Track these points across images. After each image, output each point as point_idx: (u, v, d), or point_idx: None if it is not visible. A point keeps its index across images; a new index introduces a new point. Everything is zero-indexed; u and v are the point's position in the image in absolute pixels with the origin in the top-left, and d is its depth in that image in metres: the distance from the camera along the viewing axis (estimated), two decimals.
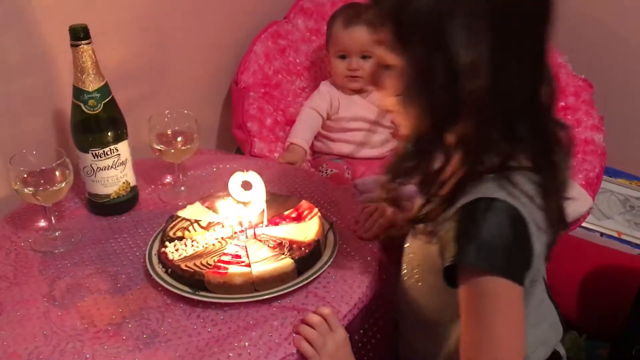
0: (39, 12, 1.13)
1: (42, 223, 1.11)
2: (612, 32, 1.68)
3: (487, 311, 0.75)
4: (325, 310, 0.89)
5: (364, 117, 1.58)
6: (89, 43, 1.03)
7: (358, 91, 1.58)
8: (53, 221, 1.08)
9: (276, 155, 1.43)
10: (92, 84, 1.05)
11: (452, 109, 0.75)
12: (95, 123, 1.08)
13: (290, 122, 1.57)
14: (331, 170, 1.49)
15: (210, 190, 1.17)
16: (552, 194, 0.80)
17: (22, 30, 1.13)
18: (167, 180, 1.26)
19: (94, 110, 1.07)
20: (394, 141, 1.64)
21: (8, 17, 1.11)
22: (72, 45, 1.03)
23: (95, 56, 1.05)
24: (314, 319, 0.87)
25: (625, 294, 1.26)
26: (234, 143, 1.54)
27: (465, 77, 0.73)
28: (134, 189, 1.17)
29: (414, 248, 0.94)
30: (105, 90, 1.07)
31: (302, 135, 1.51)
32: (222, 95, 1.65)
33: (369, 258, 1.01)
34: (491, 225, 0.74)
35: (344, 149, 1.58)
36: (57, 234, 1.08)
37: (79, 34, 1.02)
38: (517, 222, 0.74)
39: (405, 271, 0.96)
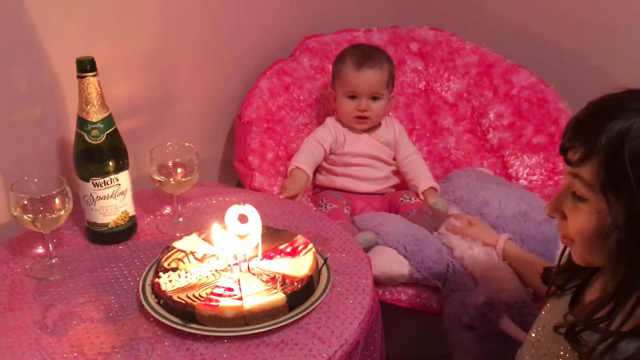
0: (47, 44, 1.17)
1: (40, 250, 1.12)
2: (611, 78, 1.71)
3: None
4: None
5: (368, 154, 1.60)
6: (95, 75, 1.06)
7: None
8: (50, 248, 1.09)
9: (275, 189, 1.44)
10: (96, 115, 1.08)
11: None
12: (97, 153, 1.10)
13: (292, 157, 1.59)
14: (330, 206, 1.49)
15: (208, 222, 1.18)
16: None
17: (30, 61, 1.16)
18: (166, 211, 1.27)
19: (96, 140, 1.09)
20: (394, 178, 1.66)
21: (17, 48, 1.14)
22: (78, 77, 1.06)
23: (100, 88, 1.07)
24: None
25: None
26: (235, 176, 1.56)
27: None
28: (132, 219, 1.18)
29: None
30: (108, 121, 1.10)
31: (306, 161, 1.52)
32: (225, 129, 1.67)
33: (361, 295, 1.01)
34: None
35: (347, 183, 1.59)
36: (53, 261, 1.09)
37: (86, 66, 1.05)
38: None
39: None
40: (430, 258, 1.32)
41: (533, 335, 0.94)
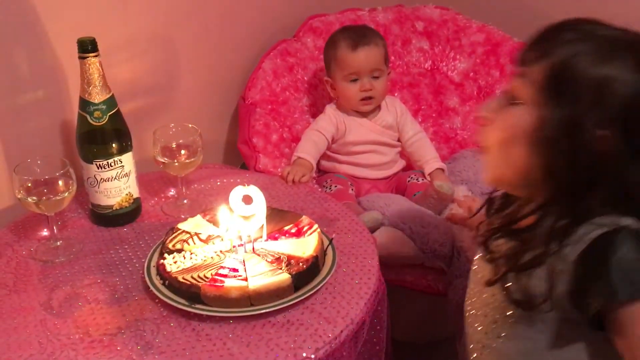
0: (49, 25, 1.15)
1: (45, 232, 1.12)
2: None
3: None
4: None
5: (371, 140, 1.57)
6: (96, 55, 1.05)
7: (364, 113, 1.58)
8: (55, 231, 1.09)
9: (279, 170, 1.42)
10: (98, 96, 1.07)
11: (590, 170, 0.74)
12: (100, 134, 1.09)
13: (296, 139, 1.57)
14: (335, 186, 1.48)
15: (212, 204, 1.18)
16: None
17: (32, 43, 1.15)
18: (171, 193, 1.26)
19: (99, 122, 1.08)
20: (401, 161, 1.64)
21: (19, 30, 1.13)
22: (80, 58, 1.05)
23: (102, 68, 1.06)
24: None
25: None
26: (239, 158, 1.55)
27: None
28: (136, 201, 1.17)
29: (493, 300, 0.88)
30: (111, 102, 1.09)
31: (309, 152, 1.49)
32: (229, 111, 1.66)
33: (367, 275, 1.00)
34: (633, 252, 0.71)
35: (351, 171, 1.57)
36: (58, 243, 1.09)
37: (87, 46, 1.04)
38: None
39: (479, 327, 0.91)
40: (436, 240, 1.31)
41: (476, 266, 0.96)
